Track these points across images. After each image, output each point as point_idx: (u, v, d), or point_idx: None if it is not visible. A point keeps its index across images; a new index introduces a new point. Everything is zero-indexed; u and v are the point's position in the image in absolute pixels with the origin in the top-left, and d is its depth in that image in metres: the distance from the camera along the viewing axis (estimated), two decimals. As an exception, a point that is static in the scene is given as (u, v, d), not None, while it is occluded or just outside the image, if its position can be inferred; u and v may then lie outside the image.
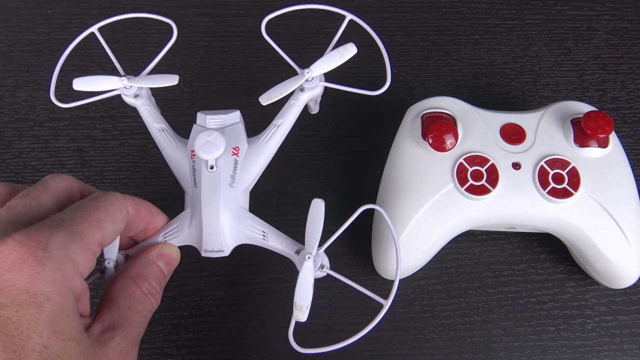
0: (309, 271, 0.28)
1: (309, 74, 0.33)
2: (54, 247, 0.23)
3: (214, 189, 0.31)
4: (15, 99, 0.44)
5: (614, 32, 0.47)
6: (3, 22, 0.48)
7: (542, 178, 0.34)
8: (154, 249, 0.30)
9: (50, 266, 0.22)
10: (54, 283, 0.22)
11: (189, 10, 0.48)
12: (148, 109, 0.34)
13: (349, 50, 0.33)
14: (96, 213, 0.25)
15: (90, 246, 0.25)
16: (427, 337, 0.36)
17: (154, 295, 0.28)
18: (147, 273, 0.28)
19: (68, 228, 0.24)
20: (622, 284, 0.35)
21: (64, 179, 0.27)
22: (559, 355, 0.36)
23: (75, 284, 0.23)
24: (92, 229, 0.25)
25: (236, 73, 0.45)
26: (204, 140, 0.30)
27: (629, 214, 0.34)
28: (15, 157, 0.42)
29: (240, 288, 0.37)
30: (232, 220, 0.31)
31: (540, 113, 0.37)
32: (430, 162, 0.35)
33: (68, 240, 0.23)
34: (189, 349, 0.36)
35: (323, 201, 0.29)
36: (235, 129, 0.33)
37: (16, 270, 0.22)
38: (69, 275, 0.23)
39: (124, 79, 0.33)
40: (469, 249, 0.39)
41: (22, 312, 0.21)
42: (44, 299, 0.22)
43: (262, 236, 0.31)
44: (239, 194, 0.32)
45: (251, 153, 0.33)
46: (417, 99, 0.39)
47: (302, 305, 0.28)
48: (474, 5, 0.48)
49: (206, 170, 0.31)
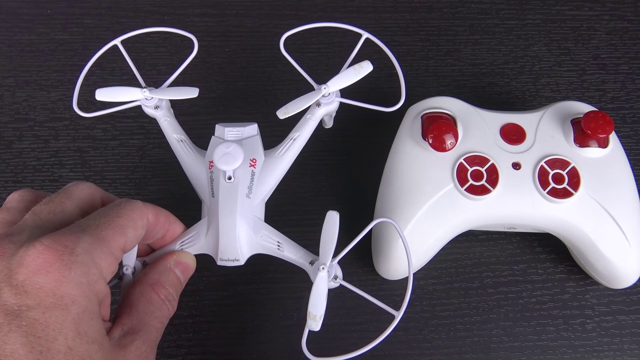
0: (323, 282, 0.29)
1: (325, 89, 0.34)
2: (80, 251, 0.23)
3: (232, 199, 0.31)
4: (15, 99, 0.44)
5: (614, 32, 0.47)
6: (3, 22, 0.48)
7: (542, 178, 0.34)
8: (172, 257, 0.30)
9: (76, 270, 0.23)
10: (80, 286, 0.23)
11: (189, 10, 0.48)
12: (168, 119, 0.35)
13: (364, 67, 0.34)
14: (119, 220, 0.26)
15: (114, 251, 0.25)
16: (427, 337, 0.36)
17: (171, 301, 0.28)
18: (165, 280, 0.29)
19: (93, 233, 0.25)
20: (622, 284, 0.35)
21: (87, 186, 0.28)
22: (559, 355, 0.36)
23: (99, 288, 0.24)
24: (115, 235, 0.25)
25: (236, 73, 0.45)
26: (223, 151, 0.31)
27: (629, 214, 0.34)
28: (15, 157, 0.42)
29: (240, 288, 0.37)
30: (248, 230, 0.32)
31: (540, 113, 0.37)
32: (430, 162, 0.35)
33: (93, 245, 0.24)
34: (189, 349, 0.36)
35: (337, 213, 0.30)
36: (253, 141, 0.34)
37: (44, 273, 0.22)
38: (93, 279, 0.24)
39: (145, 90, 0.34)
40: (469, 249, 0.39)
41: (49, 314, 0.22)
42: (70, 301, 0.23)
43: (277, 246, 0.32)
44: (256, 204, 0.33)
45: (268, 165, 0.34)
46: (417, 99, 0.39)
47: (316, 314, 0.28)
48: (474, 5, 0.48)
49: (224, 181, 0.32)
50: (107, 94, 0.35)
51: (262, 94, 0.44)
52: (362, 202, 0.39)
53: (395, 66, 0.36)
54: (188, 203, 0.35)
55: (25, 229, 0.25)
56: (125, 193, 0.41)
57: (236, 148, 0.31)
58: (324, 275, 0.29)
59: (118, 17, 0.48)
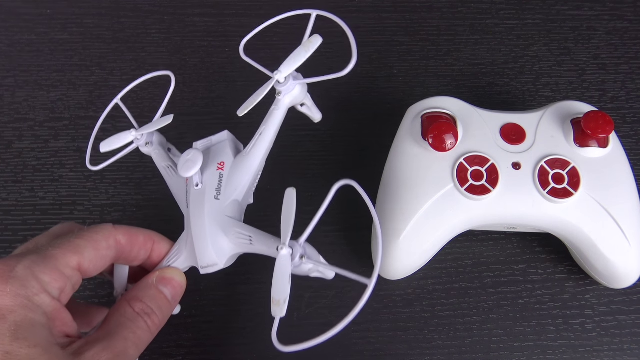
0: (284, 262, 0.27)
1: (278, 74, 0.33)
2: (20, 268, 0.25)
3: (199, 204, 0.32)
4: (15, 99, 0.44)
5: (614, 32, 0.47)
6: (3, 22, 0.48)
7: (542, 178, 0.34)
8: (155, 274, 0.30)
9: (13, 284, 0.24)
10: (17, 298, 0.24)
11: (189, 10, 0.48)
12: (157, 152, 0.36)
13: (313, 42, 0.33)
14: (76, 240, 0.27)
15: (61, 267, 0.26)
16: (427, 337, 0.36)
17: (149, 315, 0.28)
18: (143, 295, 0.29)
19: (40, 253, 0.26)
20: (622, 284, 0.35)
21: (67, 223, 0.30)
22: (559, 355, 0.36)
23: (42, 301, 0.25)
24: (66, 252, 0.26)
25: (236, 73, 0.45)
26: (184, 159, 0.32)
27: (629, 214, 0.34)
28: (15, 157, 0.42)
29: (240, 288, 0.37)
30: (219, 232, 0.31)
31: (540, 113, 0.37)
32: (430, 162, 0.35)
33: (36, 262, 0.25)
34: (189, 349, 0.36)
35: (294, 189, 0.29)
36: (221, 146, 0.34)
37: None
38: (33, 292, 0.25)
39: (133, 131, 0.36)
40: (469, 249, 0.39)
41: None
42: (7, 312, 0.24)
43: (250, 241, 0.31)
44: (226, 205, 0.32)
45: (236, 164, 0.33)
46: (417, 99, 0.39)
47: (279, 299, 0.26)
48: (474, 5, 0.48)
49: (193, 189, 0.32)
50: (108, 145, 0.36)
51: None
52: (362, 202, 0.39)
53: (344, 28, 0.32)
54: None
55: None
56: (125, 193, 0.41)
57: (195, 154, 0.32)
58: (284, 254, 0.27)
59: (118, 17, 0.48)
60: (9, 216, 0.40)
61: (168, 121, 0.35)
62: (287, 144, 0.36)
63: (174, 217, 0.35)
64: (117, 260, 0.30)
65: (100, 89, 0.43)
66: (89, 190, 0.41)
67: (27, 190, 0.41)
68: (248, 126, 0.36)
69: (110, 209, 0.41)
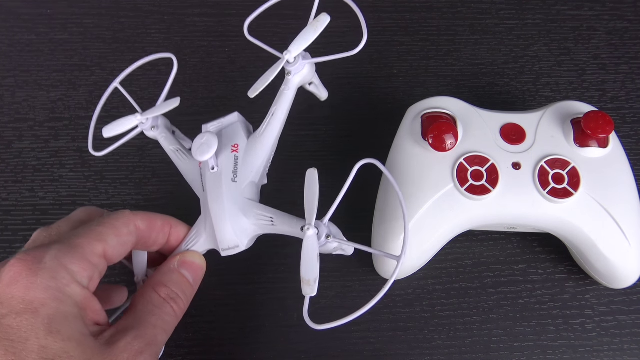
0: (312, 242, 0.27)
1: (288, 55, 0.33)
2: (47, 259, 0.25)
3: (217, 187, 0.32)
4: (15, 99, 0.44)
5: (614, 32, 0.47)
6: (3, 22, 0.48)
7: (542, 178, 0.34)
8: (176, 258, 0.31)
9: (43, 275, 0.24)
10: (48, 290, 0.24)
11: (189, 10, 0.48)
12: (164, 135, 0.36)
13: (321, 20, 0.33)
14: (98, 228, 0.27)
15: (88, 256, 0.26)
16: (427, 337, 0.36)
17: (175, 299, 0.29)
18: (167, 280, 0.29)
19: (65, 242, 0.26)
20: (622, 284, 0.35)
21: (84, 209, 0.30)
22: (559, 355, 0.36)
23: (73, 291, 0.25)
24: (90, 241, 0.26)
25: (236, 73, 0.45)
26: (199, 143, 0.31)
27: (629, 214, 0.34)
28: (15, 157, 0.42)
29: (240, 288, 0.37)
30: (239, 214, 0.31)
31: (540, 113, 0.37)
32: (430, 162, 0.35)
33: (62, 252, 0.25)
34: (189, 349, 0.36)
35: (316, 170, 0.29)
36: (233, 128, 0.34)
37: (14, 283, 0.24)
38: (63, 283, 0.25)
39: (138, 115, 0.35)
40: (469, 249, 0.39)
41: (20, 318, 0.23)
42: (39, 305, 0.24)
43: (271, 222, 0.31)
44: (244, 187, 0.32)
45: (251, 146, 0.33)
46: (417, 99, 0.39)
47: (310, 279, 0.27)
48: (474, 5, 0.48)
49: (209, 172, 0.32)
50: (112, 130, 0.36)
51: (262, 94, 0.44)
52: (362, 202, 0.39)
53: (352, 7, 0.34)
54: (189, 202, 0.35)
55: None
56: (125, 193, 0.41)
57: (210, 137, 0.31)
58: (311, 235, 0.27)
59: (118, 17, 0.48)
60: (9, 216, 0.40)
61: (175, 104, 0.34)
62: (287, 144, 0.36)
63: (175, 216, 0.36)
64: (137, 246, 0.30)
65: (100, 89, 0.43)
66: (89, 190, 0.41)
67: (27, 190, 0.41)
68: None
69: (110, 209, 0.40)
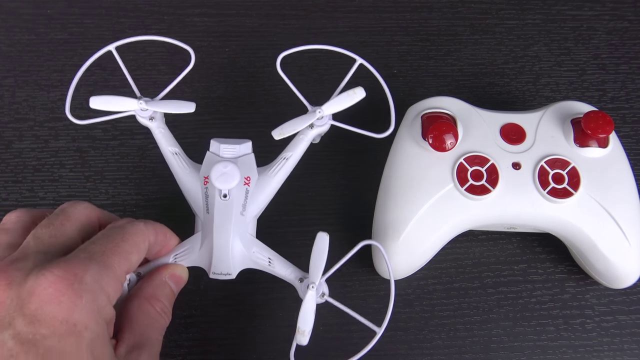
0: (312, 299, 0.30)
1: (320, 113, 0.35)
2: (89, 279, 0.24)
3: (227, 217, 0.32)
4: (15, 99, 0.44)
5: (614, 32, 0.47)
6: (3, 22, 0.48)
7: (542, 178, 0.34)
8: (166, 270, 0.31)
9: (87, 297, 0.24)
10: (91, 313, 0.24)
11: (189, 10, 0.48)
12: (162, 131, 0.35)
13: (358, 93, 0.35)
14: (124, 245, 0.27)
15: (119, 277, 0.26)
16: (427, 337, 0.36)
17: (167, 313, 0.30)
18: (160, 293, 0.30)
19: (100, 260, 0.26)
20: (622, 284, 0.35)
21: (83, 207, 0.29)
22: (559, 355, 0.36)
23: (107, 313, 0.25)
24: (121, 261, 0.27)
25: (236, 73, 0.45)
26: (221, 171, 0.32)
27: (629, 214, 0.34)
28: (15, 157, 0.42)
29: (240, 288, 0.37)
30: (241, 247, 0.33)
31: (540, 113, 0.37)
32: (430, 162, 0.35)
33: (100, 273, 0.25)
34: (189, 349, 0.36)
35: (327, 235, 0.31)
36: (248, 160, 0.34)
37: (56, 302, 0.23)
38: (102, 305, 0.25)
39: (142, 102, 0.34)
40: (469, 249, 0.39)
41: (64, 341, 0.23)
42: (83, 328, 0.23)
43: (268, 262, 0.33)
44: (248, 221, 0.33)
45: (261, 183, 0.34)
46: (417, 99, 0.39)
47: (305, 330, 0.30)
48: (474, 5, 0.48)
49: (219, 198, 0.32)
50: (101, 103, 0.35)
51: (262, 94, 0.44)
52: (362, 202, 0.39)
53: (386, 92, 0.36)
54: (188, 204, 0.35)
55: (29, 255, 0.25)
56: (125, 193, 0.41)
57: (233, 168, 0.32)
58: (313, 294, 0.30)
59: (118, 17, 0.48)
60: (9, 216, 0.40)
61: (190, 109, 0.35)
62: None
63: (174, 216, 0.36)
64: None
65: (100, 89, 0.43)
66: (88, 190, 0.41)
67: (27, 190, 0.41)
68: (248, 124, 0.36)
69: (110, 209, 0.40)
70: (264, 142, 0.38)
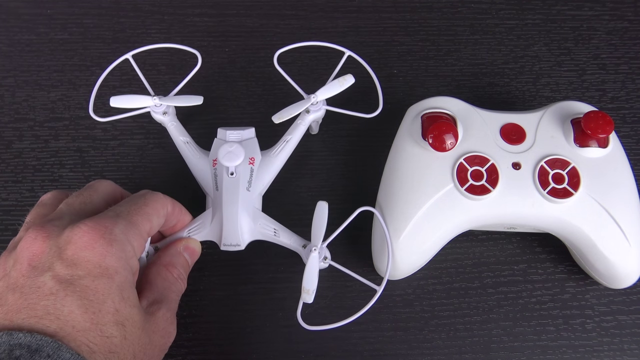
0: (315, 261, 0.33)
1: (314, 98, 0.38)
2: (117, 231, 0.28)
3: (234, 192, 0.35)
4: (15, 99, 0.44)
5: (614, 32, 0.47)
6: (3, 22, 0.48)
7: (542, 178, 0.34)
8: (181, 243, 0.35)
9: (116, 246, 0.27)
10: (120, 260, 0.27)
11: (189, 10, 0.48)
12: (175, 124, 0.40)
13: (347, 80, 0.39)
14: (146, 208, 0.31)
15: (143, 234, 0.30)
16: (427, 337, 0.36)
17: (183, 280, 0.33)
18: (176, 262, 0.33)
19: (126, 218, 0.29)
20: (622, 284, 0.35)
21: (108, 183, 0.33)
22: (559, 355, 0.36)
23: (133, 263, 0.29)
24: (144, 220, 0.30)
25: (236, 73, 0.45)
26: (227, 150, 0.36)
27: (629, 214, 0.34)
28: (15, 157, 0.42)
29: (240, 288, 0.37)
30: (248, 219, 0.35)
31: (540, 113, 0.37)
32: (430, 162, 0.35)
33: (127, 227, 0.29)
34: (189, 349, 0.36)
35: (326, 203, 0.34)
36: (251, 143, 0.38)
37: (90, 248, 0.27)
38: (129, 255, 0.28)
39: (156, 98, 0.39)
40: (469, 249, 0.39)
41: (98, 281, 0.26)
42: (114, 272, 0.27)
43: (274, 233, 0.36)
44: (254, 197, 0.37)
45: (264, 163, 0.38)
46: (417, 99, 0.39)
47: (309, 289, 0.32)
48: (474, 5, 0.48)
49: (227, 176, 0.36)
50: (120, 101, 0.39)
51: (262, 94, 0.44)
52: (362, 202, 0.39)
53: (372, 75, 0.41)
54: (187, 202, 0.36)
55: (63, 216, 0.29)
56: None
57: (238, 147, 0.36)
58: (315, 256, 0.33)
59: (118, 17, 0.48)
60: (9, 216, 0.40)
61: (198, 101, 0.39)
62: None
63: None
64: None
65: (100, 89, 0.43)
66: (89, 190, 0.41)
67: (27, 190, 0.41)
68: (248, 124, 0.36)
69: (110, 209, 0.41)
70: (263, 142, 0.38)
